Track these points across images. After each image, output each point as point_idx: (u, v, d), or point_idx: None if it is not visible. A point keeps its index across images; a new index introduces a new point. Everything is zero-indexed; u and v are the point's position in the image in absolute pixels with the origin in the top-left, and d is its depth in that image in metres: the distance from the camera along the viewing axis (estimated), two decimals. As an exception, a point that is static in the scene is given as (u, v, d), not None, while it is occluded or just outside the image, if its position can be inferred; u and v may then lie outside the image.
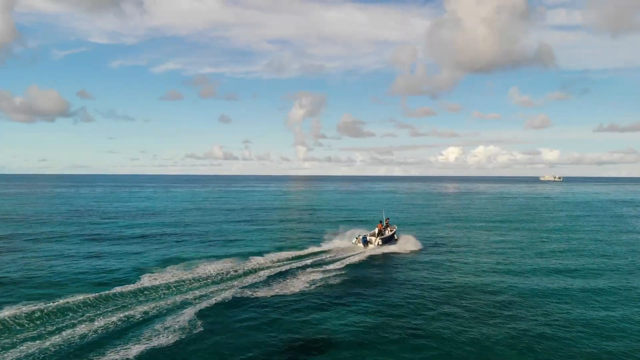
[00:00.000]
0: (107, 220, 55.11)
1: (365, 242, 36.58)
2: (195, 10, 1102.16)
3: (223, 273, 26.94)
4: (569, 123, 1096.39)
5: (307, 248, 35.45)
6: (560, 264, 31.65)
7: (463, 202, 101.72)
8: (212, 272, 27.15)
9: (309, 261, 30.85)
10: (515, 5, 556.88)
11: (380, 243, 36.86)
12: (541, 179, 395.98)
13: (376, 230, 39.15)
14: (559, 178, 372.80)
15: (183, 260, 30.80)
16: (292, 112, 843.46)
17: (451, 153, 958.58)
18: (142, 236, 42.63)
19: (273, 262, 30.30)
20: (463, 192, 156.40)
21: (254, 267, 28.88)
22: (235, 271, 27.52)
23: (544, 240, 42.55)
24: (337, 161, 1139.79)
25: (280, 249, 35.80)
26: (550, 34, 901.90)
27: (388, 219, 42.71)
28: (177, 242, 39.62)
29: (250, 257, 31.54)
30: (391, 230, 40.35)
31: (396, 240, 39.40)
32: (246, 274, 27.07)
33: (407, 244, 37.58)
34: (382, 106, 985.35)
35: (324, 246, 36.35)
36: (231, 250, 34.90)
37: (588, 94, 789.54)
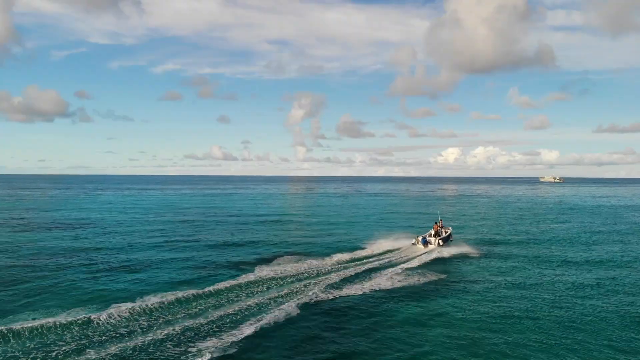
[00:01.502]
0: (12, 237, 46.20)
1: (425, 243, 38.10)
2: (195, 10, 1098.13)
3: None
4: (569, 124, 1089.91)
5: (207, 285, 26.47)
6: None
7: (464, 207, 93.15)
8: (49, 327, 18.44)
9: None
10: (515, 6, 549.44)
11: (440, 243, 38.17)
12: (541, 179, 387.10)
13: (433, 231, 40.15)
14: (560, 179, 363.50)
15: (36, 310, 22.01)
16: (291, 112, 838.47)
17: (451, 154, 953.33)
18: (24, 266, 33.72)
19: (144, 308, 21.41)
20: (463, 195, 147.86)
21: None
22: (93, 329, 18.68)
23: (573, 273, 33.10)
24: (337, 162, 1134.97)
25: (185, 283, 27.44)
26: (550, 35, 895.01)
27: (442, 220, 43.87)
28: (50, 273, 30.59)
29: (118, 304, 22.78)
30: (447, 231, 41.49)
31: (452, 240, 40.81)
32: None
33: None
34: (381, 107, 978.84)
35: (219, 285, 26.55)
36: (106, 291, 26.04)
37: (588, 94, 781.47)
